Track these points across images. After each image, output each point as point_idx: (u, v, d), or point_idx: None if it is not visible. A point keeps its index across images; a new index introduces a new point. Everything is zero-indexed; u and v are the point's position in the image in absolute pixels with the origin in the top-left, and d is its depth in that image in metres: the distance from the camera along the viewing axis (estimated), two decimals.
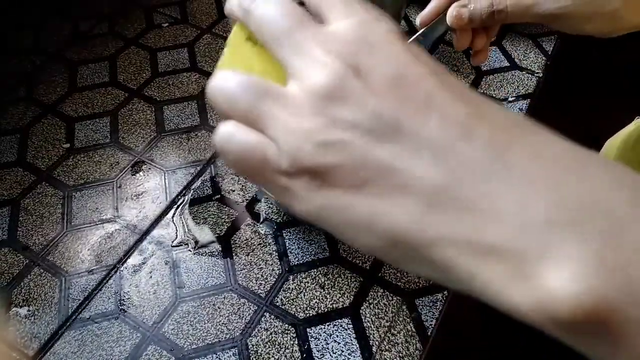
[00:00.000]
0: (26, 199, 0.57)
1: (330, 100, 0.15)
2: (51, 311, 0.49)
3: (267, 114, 0.16)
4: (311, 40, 0.16)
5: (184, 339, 0.47)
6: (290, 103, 0.16)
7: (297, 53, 0.16)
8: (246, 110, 0.17)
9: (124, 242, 0.53)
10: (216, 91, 0.17)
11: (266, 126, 0.16)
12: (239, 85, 0.17)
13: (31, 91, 0.69)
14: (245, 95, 0.17)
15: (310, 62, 0.16)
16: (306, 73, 0.16)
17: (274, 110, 0.16)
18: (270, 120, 0.16)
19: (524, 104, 0.66)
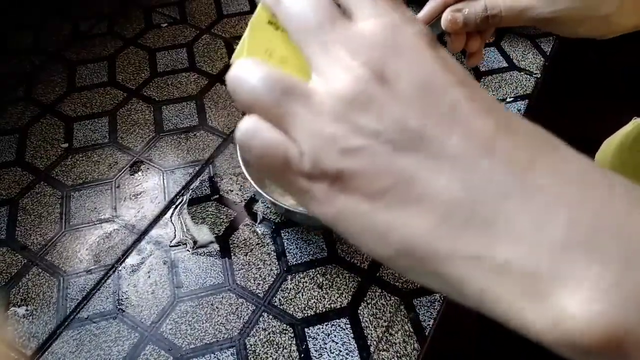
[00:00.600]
0: (24, 198, 0.57)
1: (354, 106, 0.15)
2: (49, 311, 0.49)
3: (291, 114, 0.16)
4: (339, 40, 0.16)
5: (182, 338, 0.47)
6: (315, 104, 0.16)
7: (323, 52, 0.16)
8: (270, 107, 0.16)
9: (122, 241, 0.53)
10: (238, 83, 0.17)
11: (290, 126, 0.16)
12: (263, 80, 0.16)
13: (30, 91, 0.69)
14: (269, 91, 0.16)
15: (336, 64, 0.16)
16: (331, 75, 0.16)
17: (298, 110, 0.16)
18: (294, 120, 0.16)
19: (522, 105, 0.66)
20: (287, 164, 0.16)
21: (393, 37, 0.16)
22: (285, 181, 0.17)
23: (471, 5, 0.41)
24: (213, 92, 0.68)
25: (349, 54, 0.15)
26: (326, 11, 0.16)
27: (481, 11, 0.40)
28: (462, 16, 0.41)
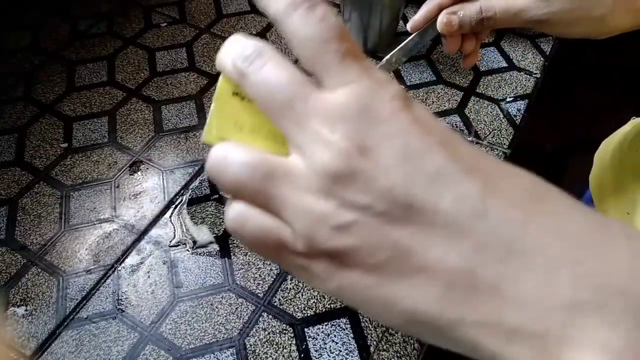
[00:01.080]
0: (24, 198, 0.57)
1: (340, 182, 0.15)
2: (49, 311, 0.49)
3: (278, 196, 0.16)
4: (313, 113, 0.15)
5: (181, 338, 0.47)
6: (300, 182, 0.15)
7: (299, 127, 0.15)
8: (254, 193, 0.16)
9: (121, 241, 0.53)
10: (217, 172, 0.17)
11: (278, 208, 0.16)
12: (243, 167, 0.16)
13: (29, 90, 0.69)
14: (251, 178, 0.16)
15: (315, 139, 0.15)
16: (311, 151, 0.15)
17: (283, 192, 0.15)
18: (282, 202, 0.16)
19: (522, 105, 0.66)
20: (281, 246, 0.16)
21: (367, 104, 0.15)
22: (282, 261, 0.17)
23: (466, 7, 0.41)
24: (212, 92, 0.68)
25: (326, 127, 0.15)
26: (295, 84, 0.16)
27: (476, 13, 0.40)
28: (457, 19, 0.41)
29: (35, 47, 0.75)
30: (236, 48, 0.17)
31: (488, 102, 0.66)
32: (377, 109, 0.15)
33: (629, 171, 0.50)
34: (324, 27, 0.15)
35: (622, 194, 0.50)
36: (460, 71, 0.70)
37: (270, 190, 0.16)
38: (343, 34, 0.16)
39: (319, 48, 0.15)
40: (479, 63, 0.71)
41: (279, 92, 0.16)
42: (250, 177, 0.16)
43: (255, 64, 0.16)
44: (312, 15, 0.15)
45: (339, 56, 0.15)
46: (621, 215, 0.48)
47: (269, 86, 0.16)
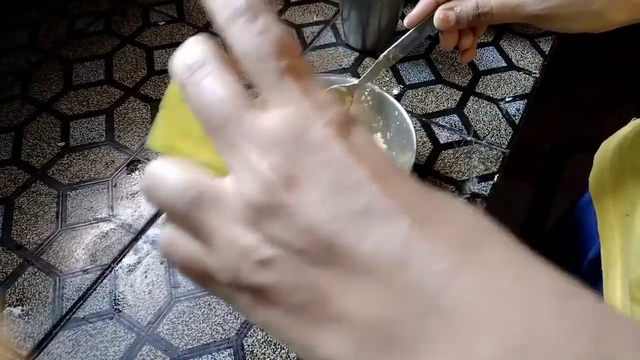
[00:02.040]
0: (20, 197, 0.57)
1: (264, 215, 0.14)
2: (45, 311, 0.48)
3: (205, 223, 0.15)
4: (245, 137, 0.14)
5: (179, 339, 0.46)
6: (227, 210, 0.15)
7: (231, 150, 0.15)
8: (183, 217, 0.15)
9: (119, 241, 0.53)
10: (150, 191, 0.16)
11: (206, 236, 0.15)
12: (173, 189, 0.15)
13: (26, 89, 0.68)
14: (180, 201, 0.15)
15: (245, 164, 0.14)
16: (241, 176, 0.14)
17: (211, 218, 0.15)
18: (209, 230, 0.15)
19: (521, 104, 0.66)
20: (207, 276, 0.16)
21: (298, 132, 0.14)
22: (210, 290, 0.17)
23: (462, 3, 0.41)
24: None
25: (256, 153, 0.14)
26: (231, 103, 0.15)
27: (472, 9, 0.40)
28: (454, 14, 0.41)
29: (32, 45, 0.74)
30: (182, 55, 0.16)
31: (487, 101, 0.66)
32: (309, 136, 0.14)
33: (629, 173, 0.50)
34: (263, 41, 0.14)
35: (622, 195, 0.49)
36: (459, 71, 0.70)
37: (199, 216, 0.15)
38: (285, 48, 0.14)
39: (257, 64, 0.14)
40: (478, 63, 0.71)
41: (214, 109, 0.15)
42: (180, 200, 0.15)
43: (195, 75, 0.15)
44: (252, 28, 0.14)
45: (277, 74, 0.14)
46: (620, 216, 0.48)
47: (205, 102, 0.15)
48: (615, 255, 0.47)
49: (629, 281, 0.42)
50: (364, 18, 0.66)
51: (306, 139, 0.14)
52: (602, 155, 0.56)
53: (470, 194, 0.56)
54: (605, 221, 0.51)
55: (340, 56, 0.71)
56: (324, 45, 0.73)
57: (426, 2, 0.43)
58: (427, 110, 0.65)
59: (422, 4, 0.43)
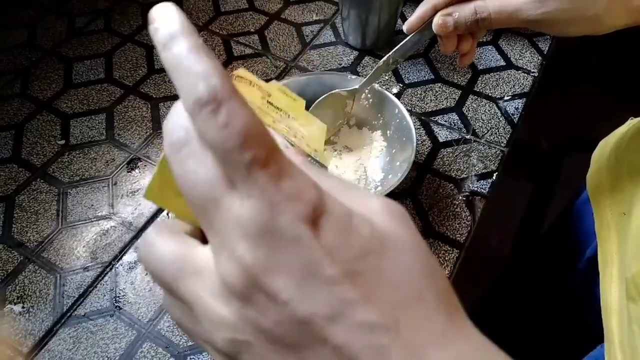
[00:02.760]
0: (21, 195, 0.57)
1: (239, 298, 0.15)
2: (46, 308, 0.49)
3: (187, 293, 0.16)
4: (223, 222, 0.15)
5: (179, 335, 0.47)
6: (207, 283, 0.16)
7: (211, 229, 0.15)
8: (169, 287, 0.17)
9: (119, 239, 0.53)
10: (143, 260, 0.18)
11: (188, 304, 0.16)
12: (160, 261, 0.17)
13: (26, 87, 0.68)
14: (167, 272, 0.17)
15: (221, 246, 0.15)
16: (218, 256, 0.15)
17: (192, 290, 0.16)
18: (190, 299, 0.16)
19: (520, 103, 0.66)
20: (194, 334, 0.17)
21: (271, 225, 0.14)
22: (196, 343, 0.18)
23: (460, 8, 0.41)
24: None
25: (232, 239, 0.14)
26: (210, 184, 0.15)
27: (470, 14, 0.41)
28: (452, 20, 0.42)
29: (32, 44, 0.74)
30: (168, 129, 0.16)
31: (486, 100, 0.66)
32: (280, 230, 0.14)
33: (626, 171, 0.50)
34: (227, 135, 0.14)
35: (619, 194, 0.50)
36: (458, 70, 0.70)
37: (181, 287, 0.16)
38: (249, 139, 0.14)
39: (224, 156, 0.14)
40: (477, 62, 0.71)
41: (195, 190, 0.15)
42: (167, 272, 0.17)
43: (179, 154, 0.15)
44: (214, 121, 0.14)
45: (244, 168, 0.14)
46: (617, 215, 0.49)
47: (186, 182, 0.15)
48: (612, 254, 0.47)
49: (625, 279, 0.42)
50: (364, 17, 0.66)
51: (277, 233, 0.14)
52: (600, 154, 0.57)
53: (469, 192, 0.57)
54: (602, 220, 0.51)
55: (339, 55, 0.72)
56: (323, 44, 0.73)
57: (425, 8, 0.44)
58: (426, 109, 0.65)
59: (421, 10, 0.44)
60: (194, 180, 0.15)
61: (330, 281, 0.14)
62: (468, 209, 0.55)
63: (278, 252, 0.14)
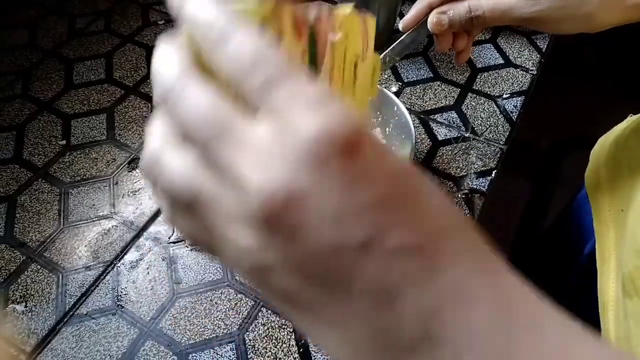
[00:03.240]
0: (22, 195, 0.57)
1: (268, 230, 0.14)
2: (48, 307, 0.49)
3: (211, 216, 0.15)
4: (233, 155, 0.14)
5: (181, 334, 0.47)
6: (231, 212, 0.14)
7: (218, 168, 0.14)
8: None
9: (120, 238, 0.54)
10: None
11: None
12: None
13: (27, 88, 0.69)
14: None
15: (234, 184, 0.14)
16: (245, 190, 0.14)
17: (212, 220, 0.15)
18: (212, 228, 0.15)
19: (519, 101, 0.66)
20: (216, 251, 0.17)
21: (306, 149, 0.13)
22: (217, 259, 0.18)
23: (455, 7, 0.42)
24: None
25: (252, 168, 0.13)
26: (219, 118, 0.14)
27: (465, 13, 0.41)
28: (447, 18, 0.42)
29: (32, 45, 0.74)
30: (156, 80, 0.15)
31: (485, 98, 0.67)
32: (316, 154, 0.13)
33: (624, 168, 0.50)
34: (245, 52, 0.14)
35: (617, 191, 0.50)
36: (457, 68, 0.70)
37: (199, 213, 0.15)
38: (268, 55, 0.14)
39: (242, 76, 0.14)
40: (476, 60, 0.72)
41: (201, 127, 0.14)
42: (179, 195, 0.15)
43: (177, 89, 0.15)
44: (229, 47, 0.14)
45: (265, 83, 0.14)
46: (615, 212, 0.49)
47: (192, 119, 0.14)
48: (610, 250, 0.48)
49: (622, 275, 0.42)
50: None
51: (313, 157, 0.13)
52: (599, 151, 0.57)
53: (468, 190, 0.57)
54: (600, 217, 0.51)
55: None
56: None
57: (420, 6, 0.44)
58: (425, 107, 0.66)
59: (416, 8, 0.44)
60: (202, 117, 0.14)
61: (365, 205, 0.13)
62: (467, 206, 0.56)
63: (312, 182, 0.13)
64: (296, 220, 0.13)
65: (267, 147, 0.13)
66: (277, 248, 0.14)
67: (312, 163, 0.13)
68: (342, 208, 0.13)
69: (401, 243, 0.14)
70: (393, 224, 0.14)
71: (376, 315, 0.14)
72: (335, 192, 0.13)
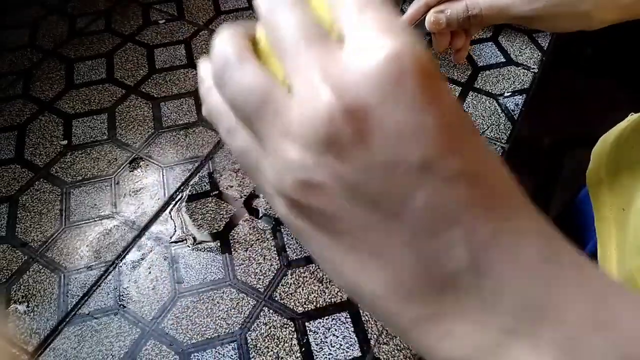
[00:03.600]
0: (24, 195, 0.58)
1: (324, 144, 0.14)
2: (50, 307, 0.49)
3: (264, 124, 0.15)
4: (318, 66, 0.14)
5: (183, 333, 0.47)
6: (285, 122, 0.14)
7: (298, 72, 0.14)
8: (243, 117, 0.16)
9: (122, 238, 0.54)
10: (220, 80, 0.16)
11: (261, 135, 0.15)
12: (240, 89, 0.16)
13: (28, 88, 0.69)
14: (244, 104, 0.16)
15: (314, 94, 0.14)
16: (307, 103, 0.14)
17: (268, 123, 0.15)
18: (265, 132, 0.15)
19: (520, 100, 0.66)
20: (257, 170, 0.16)
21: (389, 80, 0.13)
22: (256, 182, 0.17)
23: (452, 5, 0.42)
24: None
25: (330, 87, 0.13)
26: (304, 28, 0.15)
27: (462, 11, 0.41)
28: (444, 17, 0.42)
29: (33, 45, 0.75)
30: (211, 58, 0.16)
31: (486, 97, 0.67)
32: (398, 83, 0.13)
33: (626, 167, 0.50)
34: None
35: (618, 190, 0.50)
36: (458, 66, 0.70)
37: (257, 123, 0.15)
38: None
39: None
40: (477, 58, 0.71)
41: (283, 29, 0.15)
42: (244, 103, 0.15)
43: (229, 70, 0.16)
44: None
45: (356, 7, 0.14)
46: (617, 211, 0.49)
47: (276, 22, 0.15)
48: (611, 250, 0.48)
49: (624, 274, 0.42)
50: None
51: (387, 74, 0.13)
52: (600, 150, 0.57)
53: None
54: (601, 215, 0.51)
55: None
56: None
57: (418, 6, 0.44)
58: None
59: (414, 7, 0.45)
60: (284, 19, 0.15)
61: (432, 127, 0.13)
62: None
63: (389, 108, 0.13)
64: (360, 133, 0.13)
65: (343, 64, 0.14)
66: (333, 162, 0.14)
67: (385, 80, 0.13)
68: (408, 125, 0.13)
69: (463, 168, 0.14)
70: (457, 149, 0.14)
71: (425, 242, 0.14)
72: (404, 110, 0.13)
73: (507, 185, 0.15)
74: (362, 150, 0.13)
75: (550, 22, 0.39)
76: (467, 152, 0.14)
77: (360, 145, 0.13)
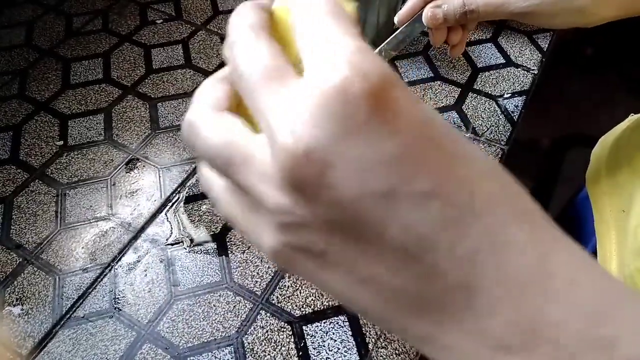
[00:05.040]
0: (19, 196, 0.57)
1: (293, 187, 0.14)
2: (45, 310, 0.48)
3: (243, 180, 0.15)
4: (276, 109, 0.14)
5: (179, 337, 0.46)
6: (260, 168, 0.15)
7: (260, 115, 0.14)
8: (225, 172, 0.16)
9: (118, 240, 0.53)
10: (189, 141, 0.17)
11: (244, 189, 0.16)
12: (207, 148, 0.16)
13: (24, 88, 0.68)
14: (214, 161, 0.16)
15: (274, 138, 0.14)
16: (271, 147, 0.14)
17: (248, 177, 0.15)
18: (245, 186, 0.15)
19: (520, 101, 0.66)
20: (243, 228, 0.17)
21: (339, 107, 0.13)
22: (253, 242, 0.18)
23: (450, 1, 0.42)
24: None
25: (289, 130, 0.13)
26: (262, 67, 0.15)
27: (459, 7, 0.41)
28: (441, 12, 0.42)
29: (29, 44, 0.74)
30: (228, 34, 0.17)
31: (486, 98, 0.66)
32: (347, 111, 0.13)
33: (625, 168, 0.50)
34: None
35: (618, 191, 0.50)
36: (457, 67, 0.70)
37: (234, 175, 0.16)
38: None
39: None
40: (476, 59, 0.71)
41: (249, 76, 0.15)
42: (215, 160, 0.16)
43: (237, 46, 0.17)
44: None
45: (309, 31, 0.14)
46: (617, 212, 0.48)
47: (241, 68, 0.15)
48: (611, 251, 0.47)
49: (624, 277, 0.42)
50: (362, 14, 0.66)
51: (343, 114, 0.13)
52: (600, 151, 0.57)
53: None
54: (601, 217, 0.51)
55: None
56: None
57: (415, 1, 0.44)
58: None
59: (411, 2, 0.45)
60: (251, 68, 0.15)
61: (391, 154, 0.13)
62: None
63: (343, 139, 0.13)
64: (321, 173, 0.13)
65: (292, 102, 0.14)
66: (306, 203, 0.14)
67: (333, 114, 0.13)
68: (365, 156, 0.13)
69: (429, 189, 0.13)
70: (420, 171, 0.13)
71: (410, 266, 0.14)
72: (358, 141, 0.13)
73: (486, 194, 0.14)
74: (327, 189, 0.13)
75: (546, 18, 0.39)
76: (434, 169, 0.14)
77: (324, 184, 0.13)
